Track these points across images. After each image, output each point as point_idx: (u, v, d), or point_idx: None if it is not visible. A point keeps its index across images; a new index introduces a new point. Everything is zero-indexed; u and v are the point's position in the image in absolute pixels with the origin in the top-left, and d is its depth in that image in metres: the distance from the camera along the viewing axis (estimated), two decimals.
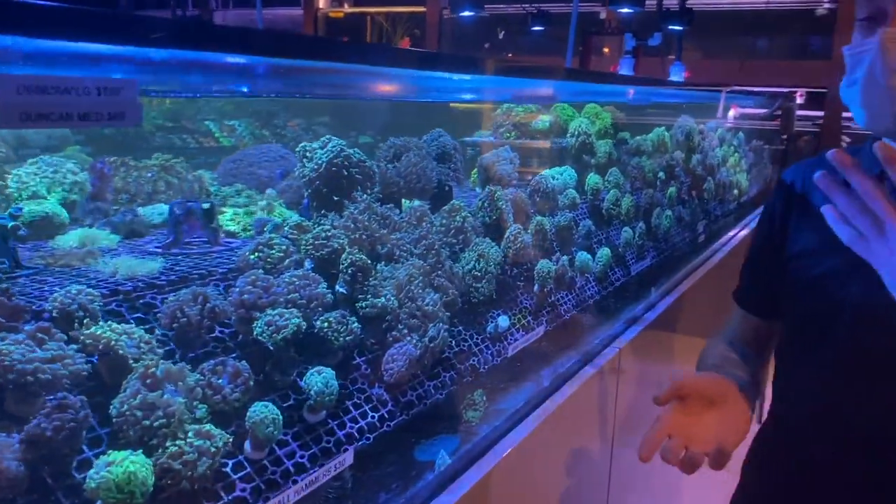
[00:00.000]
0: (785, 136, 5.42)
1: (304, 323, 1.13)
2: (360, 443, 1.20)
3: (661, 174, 2.54)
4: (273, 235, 1.23)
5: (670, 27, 5.19)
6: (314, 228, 1.28)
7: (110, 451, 0.88)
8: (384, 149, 1.52)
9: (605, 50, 8.43)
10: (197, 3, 11.02)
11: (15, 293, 1.06)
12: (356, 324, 1.22)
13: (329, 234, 1.28)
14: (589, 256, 1.95)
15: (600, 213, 2.13)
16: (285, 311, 1.12)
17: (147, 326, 1.07)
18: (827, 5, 7.76)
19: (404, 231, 1.42)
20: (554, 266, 1.77)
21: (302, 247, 1.27)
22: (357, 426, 1.21)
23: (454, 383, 1.45)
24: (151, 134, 2.94)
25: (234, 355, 1.12)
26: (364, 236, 1.32)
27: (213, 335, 1.14)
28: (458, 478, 1.37)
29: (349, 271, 1.26)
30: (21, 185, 1.49)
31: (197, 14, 8.13)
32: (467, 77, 1.61)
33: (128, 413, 0.93)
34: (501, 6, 9.05)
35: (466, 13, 6.13)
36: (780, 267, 1.24)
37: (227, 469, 1.01)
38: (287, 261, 1.22)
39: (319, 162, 1.35)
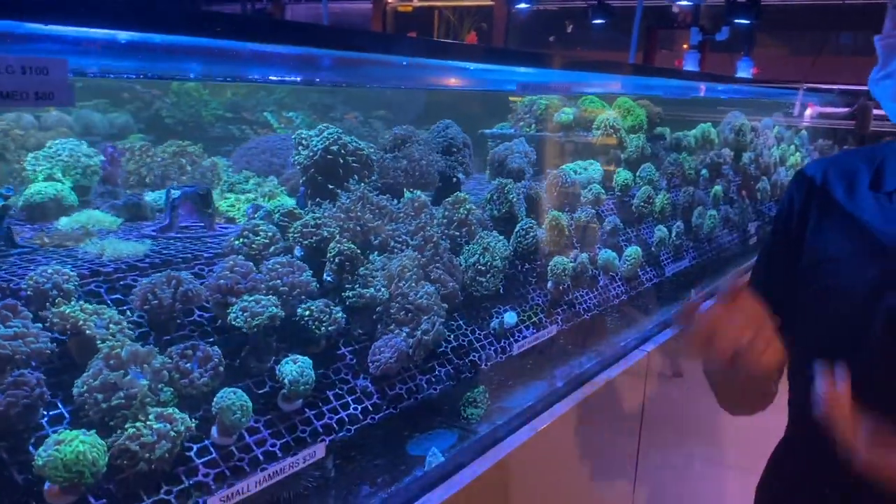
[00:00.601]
0: (861, 136, 5.13)
1: (282, 310, 1.12)
2: (339, 434, 1.18)
3: (704, 172, 2.43)
4: (260, 222, 1.23)
5: (737, 21, 4.99)
6: (305, 216, 1.27)
7: (61, 430, 0.89)
8: (385, 138, 1.50)
9: (685, 46, 8.19)
10: None
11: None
12: (341, 313, 1.20)
13: (319, 222, 1.26)
14: (614, 254, 1.88)
15: (630, 210, 2.05)
16: (262, 297, 1.11)
17: (124, 308, 1.07)
18: None
19: (401, 222, 1.40)
20: (571, 263, 1.71)
21: (290, 234, 1.26)
22: (337, 417, 1.19)
23: (451, 379, 1.42)
24: (211, 124, 3.01)
25: (210, 340, 1.12)
26: (356, 226, 1.29)
27: (192, 319, 1.14)
28: (450, 477, 1.34)
29: (336, 260, 1.24)
30: (37, 168, 1.53)
31: (263, 8, 8.29)
32: (524, 70, 1.59)
33: (87, 393, 0.93)
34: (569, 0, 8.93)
35: (523, 5, 6.03)
36: (796, 270, 1.15)
37: (192, 454, 1.01)
38: (272, 247, 1.21)
39: (314, 149, 1.34)
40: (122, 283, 1.12)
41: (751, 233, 2.93)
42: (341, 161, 1.35)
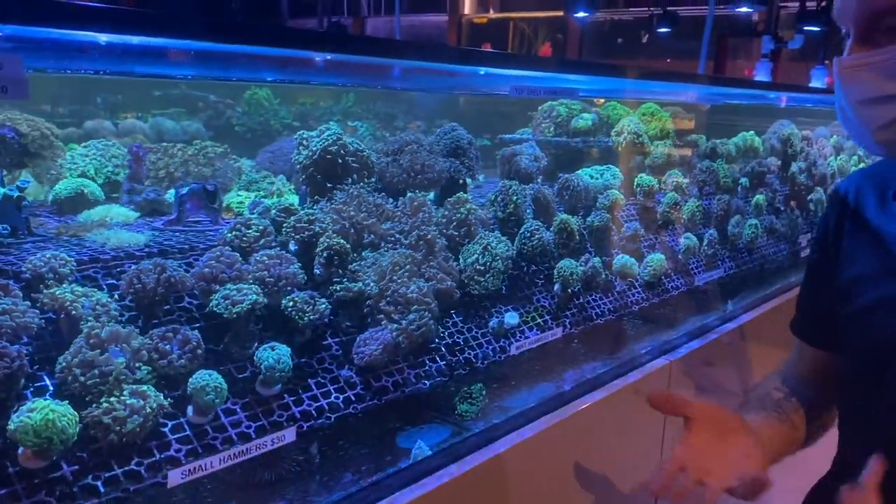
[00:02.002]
0: None
1: (263, 299, 1.17)
2: (318, 421, 1.22)
3: (743, 180, 2.37)
4: (252, 216, 1.29)
5: (806, 28, 4.82)
6: (300, 212, 1.33)
7: (36, 399, 0.96)
8: (388, 142, 1.54)
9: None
10: (350, 11, 11.60)
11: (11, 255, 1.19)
12: (325, 305, 1.25)
13: (311, 217, 1.31)
14: (632, 260, 1.86)
15: (655, 216, 2.03)
16: (245, 286, 1.17)
17: (118, 292, 1.15)
18: None
19: (397, 220, 1.43)
20: (581, 267, 1.71)
21: (284, 229, 1.31)
22: (316, 405, 1.23)
23: (443, 375, 1.44)
24: (279, 132, 3.15)
25: (197, 325, 1.19)
26: (348, 223, 1.34)
27: (182, 305, 1.21)
28: (435, 471, 1.36)
29: (324, 255, 1.29)
30: (72, 165, 1.65)
31: (338, 21, 8.53)
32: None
33: (66, 369, 1.01)
34: (641, 9, 8.80)
35: (581, 14, 6.01)
36: (834, 291, 1.07)
37: (167, 430, 1.07)
38: (263, 240, 1.27)
39: (314, 149, 1.39)
40: (118, 269, 1.20)
41: (802, 245, 2.83)
42: (340, 161, 1.41)
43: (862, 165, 3.47)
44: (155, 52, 1.30)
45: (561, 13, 9.69)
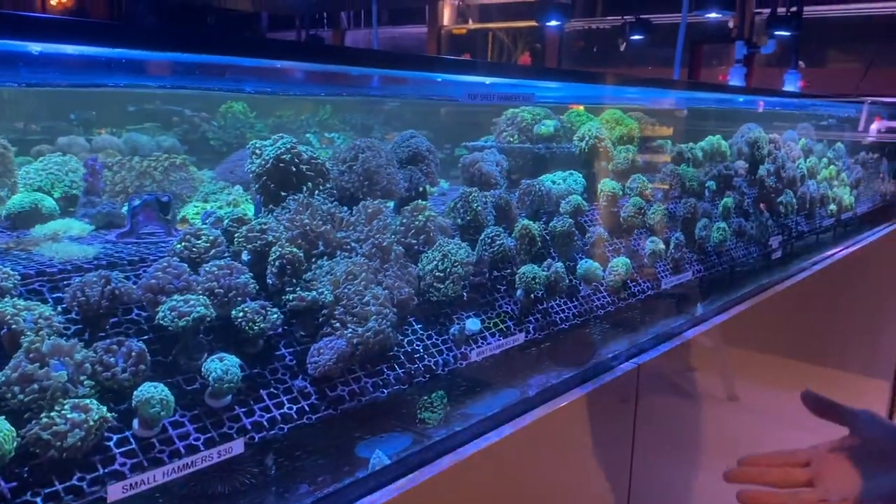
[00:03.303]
0: None
1: (211, 310, 1.16)
2: (270, 432, 1.21)
3: (710, 184, 2.38)
4: (202, 227, 1.28)
5: (777, 33, 4.86)
6: (252, 221, 1.32)
7: None
8: (344, 150, 1.54)
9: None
10: (330, 24, 11.62)
11: None
12: (276, 315, 1.24)
13: (264, 227, 1.31)
14: (596, 265, 1.86)
15: (618, 221, 2.03)
16: (192, 297, 1.15)
17: (62, 306, 1.14)
18: None
19: (353, 229, 1.43)
20: (544, 272, 1.71)
21: (236, 239, 1.30)
22: (269, 416, 1.22)
23: (402, 383, 1.43)
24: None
25: (145, 337, 1.18)
26: (301, 231, 1.33)
27: (130, 317, 1.20)
28: (395, 480, 1.35)
29: (276, 264, 1.28)
30: (28, 180, 1.63)
31: (316, 33, 8.54)
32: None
33: (5, 384, 0.99)
34: (615, 17, 8.88)
35: (553, 23, 6.04)
36: None
37: (111, 444, 1.06)
38: (213, 251, 1.26)
39: (267, 158, 1.38)
40: (65, 282, 1.18)
41: (773, 247, 2.84)
42: (294, 169, 1.40)
43: (832, 168, 3.51)
44: (129, 64, 1.29)
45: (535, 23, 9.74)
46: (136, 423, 1.08)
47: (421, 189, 1.63)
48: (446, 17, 11.08)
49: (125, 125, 2.45)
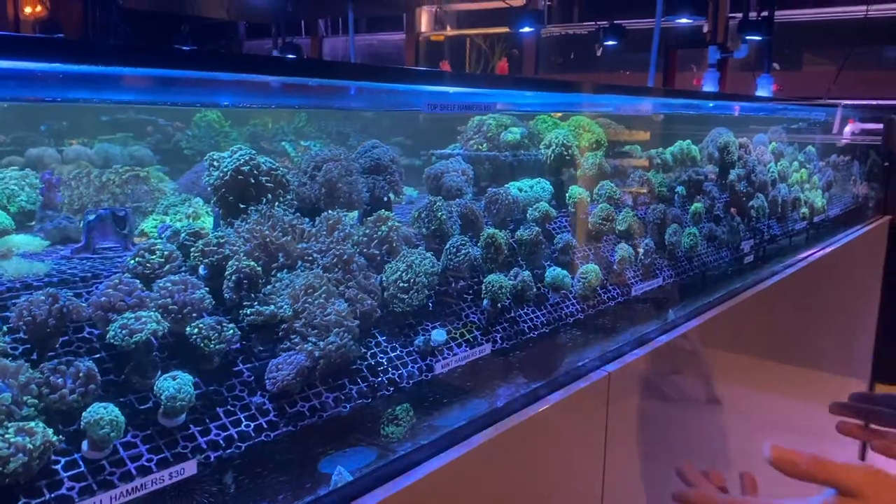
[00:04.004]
0: (889, 151, 4.97)
1: (164, 327, 1.13)
2: (226, 451, 1.19)
3: (679, 189, 2.39)
4: (157, 241, 1.25)
5: (748, 37, 4.91)
6: (209, 235, 1.29)
7: None
8: (305, 161, 1.52)
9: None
10: (308, 32, 11.60)
11: None
12: (233, 331, 1.21)
13: (221, 240, 1.28)
14: (564, 272, 1.85)
15: (586, 227, 2.02)
16: (143, 314, 1.13)
17: (8, 325, 1.11)
18: None
19: (314, 240, 1.41)
20: (510, 280, 1.69)
21: (192, 253, 1.28)
22: (225, 434, 1.20)
23: (365, 397, 1.41)
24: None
25: (97, 356, 1.15)
26: (261, 244, 1.31)
27: (82, 336, 1.17)
28: (359, 496, 1.33)
29: (233, 278, 1.26)
30: None
31: (293, 41, 8.52)
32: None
33: None
34: (589, 23, 8.94)
35: (527, 29, 6.06)
36: None
37: (59, 467, 1.03)
38: (168, 266, 1.24)
39: (225, 170, 1.36)
40: (13, 301, 1.15)
41: (745, 251, 2.85)
42: (253, 181, 1.38)
43: (804, 171, 3.53)
44: (101, 80, 1.27)
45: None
46: (85, 444, 1.06)
47: (385, 199, 1.61)
48: (424, 23, 11.09)
49: (97, 135, 2.42)
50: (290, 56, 8.09)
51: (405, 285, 1.48)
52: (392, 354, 1.49)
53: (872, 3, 6.56)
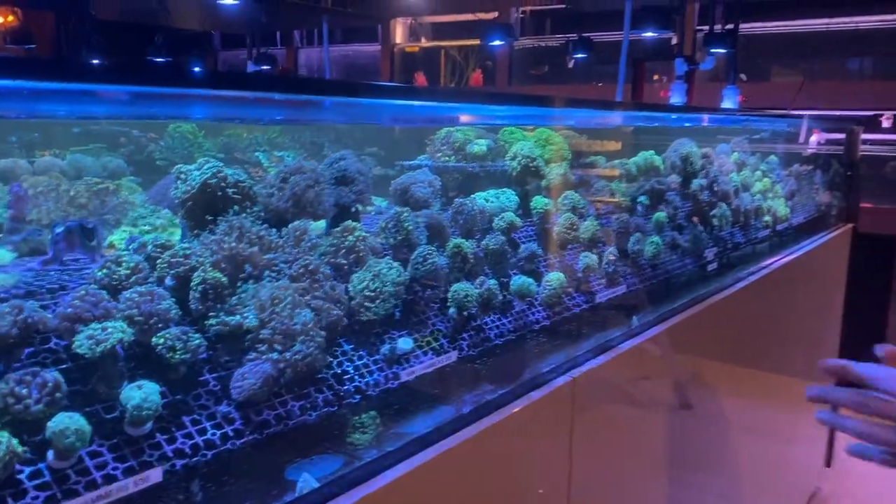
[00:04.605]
0: (850, 161, 5.09)
1: (129, 337, 1.15)
2: (193, 459, 1.21)
3: (642, 198, 2.44)
4: (123, 253, 1.27)
5: (713, 50, 5.02)
6: (176, 246, 1.32)
7: None
8: (273, 174, 1.55)
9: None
10: (283, 42, 11.61)
11: None
12: (198, 341, 1.24)
13: (187, 252, 1.31)
14: (530, 280, 1.89)
15: (551, 236, 2.07)
16: (109, 324, 1.15)
17: None
18: None
19: (281, 251, 1.43)
20: (476, 289, 1.73)
21: (159, 265, 1.30)
22: (191, 443, 1.22)
23: (331, 405, 1.44)
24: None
25: (64, 367, 1.17)
26: (227, 255, 1.33)
27: (48, 346, 1.19)
28: (327, 502, 1.35)
29: (199, 289, 1.28)
30: None
31: (267, 51, 8.52)
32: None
33: None
34: (558, 35, 9.08)
35: (497, 42, 6.15)
36: None
37: (23, 477, 1.05)
38: (135, 277, 1.26)
39: (193, 183, 1.38)
40: None
41: (708, 259, 2.92)
42: (220, 194, 1.40)
43: (766, 180, 3.62)
44: (75, 95, 1.28)
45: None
46: (50, 454, 1.07)
47: (353, 209, 1.64)
48: (399, 35, 11.16)
49: (70, 146, 2.42)
50: (264, 68, 8.10)
51: (372, 294, 1.51)
52: (359, 363, 1.52)
53: (834, 16, 6.73)
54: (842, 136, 5.07)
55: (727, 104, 5.11)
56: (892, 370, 1.06)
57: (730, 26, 5.34)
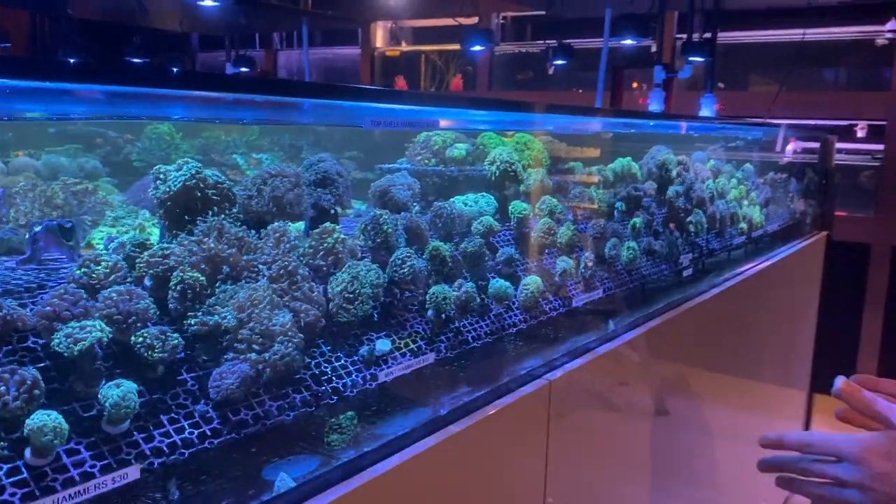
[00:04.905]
0: (825, 170, 5.19)
1: (107, 336, 1.16)
2: (170, 458, 1.21)
3: (619, 204, 2.48)
4: (102, 252, 1.28)
5: (691, 58, 5.09)
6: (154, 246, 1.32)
7: None
8: (252, 176, 1.56)
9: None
10: (262, 44, 11.56)
11: None
12: (177, 340, 1.24)
13: (167, 252, 1.31)
14: (508, 284, 1.92)
15: (529, 241, 2.10)
16: (88, 323, 1.15)
17: None
18: (889, 35, 7.44)
19: (260, 252, 1.44)
20: (454, 292, 1.75)
21: (138, 264, 1.31)
22: (169, 441, 1.22)
23: (309, 405, 1.45)
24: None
25: (42, 365, 1.17)
26: (206, 256, 1.34)
27: (26, 345, 1.19)
28: (303, 502, 1.36)
29: (178, 289, 1.29)
30: None
31: (246, 53, 8.49)
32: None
33: None
34: (538, 42, 9.15)
35: (478, 48, 6.18)
36: None
37: (0, 474, 1.05)
38: (113, 276, 1.26)
39: (171, 184, 1.39)
40: None
41: (684, 265, 2.96)
42: (199, 194, 1.41)
43: (742, 187, 3.68)
44: (50, 95, 1.28)
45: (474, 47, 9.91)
46: (28, 452, 1.07)
47: (332, 212, 1.65)
48: (379, 39, 11.16)
49: (45, 146, 2.40)
50: (243, 70, 8.08)
51: (350, 296, 1.53)
52: (336, 364, 1.53)
53: (809, 27, 6.84)
54: (817, 145, 5.17)
55: (705, 112, 5.18)
56: (823, 434, 1.14)
57: (708, 35, 5.42)
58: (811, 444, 1.12)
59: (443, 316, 1.74)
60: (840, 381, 1.14)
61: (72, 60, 1.24)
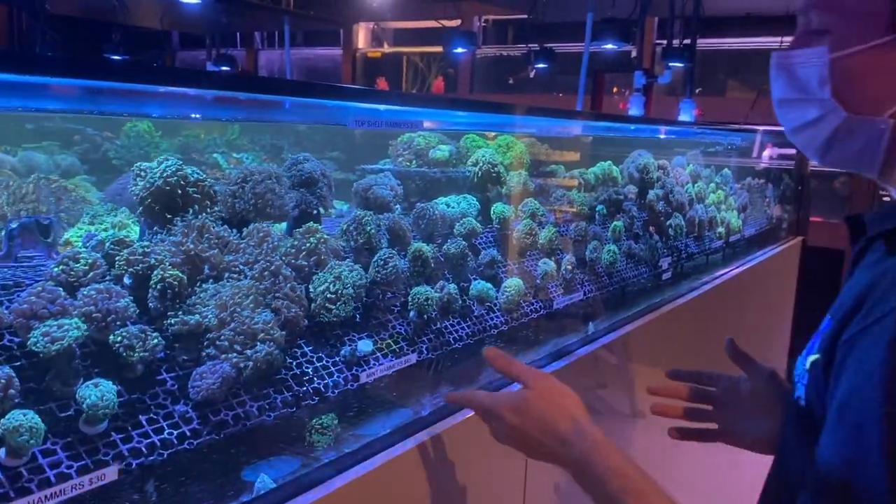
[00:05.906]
0: (801, 175, 5.26)
1: (85, 334, 1.14)
2: (148, 458, 1.20)
3: (600, 207, 2.49)
4: (81, 250, 1.26)
5: (671, 64, 5.14)
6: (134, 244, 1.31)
7: None
8: (235, 174, 1.55)
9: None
10: (243, 44, 11.50)
11: None
12: (157, 340, 1.23)
13: (146, 249, 1.30)
14: (489, 285, 1.92)
15: (511, 243, 2.10)
16: (66, 321, 1.14)
17: None
18: None
19: (242, 252, 1.43)
20: (436, 293, 1.75)
21: (117, 262, 1.29)
22: (147, 442, 1.21)
23: (290, 406, 1.44)
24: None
25: (18, 364, 1.15)
26: (187, 254, 1.33)
27: (2, 344, 1.17)
28: (284, 503, 1.35)
29: (158, 287, 1.27)
30: None
31: (227, 52, 8.44)
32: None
33: None
34: (520, 46, 9.20)
35: (460, 49, 6.20)
36: None
37: None
38: (92, 274, 1.24)
39: (151, 180, 1.38)
40: None
41: (663, 268, 2.98)
42: (180, 192, 1.39)
43: (720, 192, 3.71)
44: (26, 89, 1.26)
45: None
46: (2, 452, 1.06)
47: (314, 212, 1.64)
48: (361, 40, 11.15)
49: (21, 143, 2.37)
50: (224, 68, 8.02)
51: (332, 296, 1.52)
52: (318, 364, 1.52)
53: (787, 34, 6.94)
54: (793, 151, 5.23)
55: (684, 117, 5.23)
56: (485, 393, 1.31)
57: (687, 41, 5.47)
58: (473, 400, 1.29)
59: (425, 317, 1.74)
60: (485, 349, 1.30)
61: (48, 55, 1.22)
